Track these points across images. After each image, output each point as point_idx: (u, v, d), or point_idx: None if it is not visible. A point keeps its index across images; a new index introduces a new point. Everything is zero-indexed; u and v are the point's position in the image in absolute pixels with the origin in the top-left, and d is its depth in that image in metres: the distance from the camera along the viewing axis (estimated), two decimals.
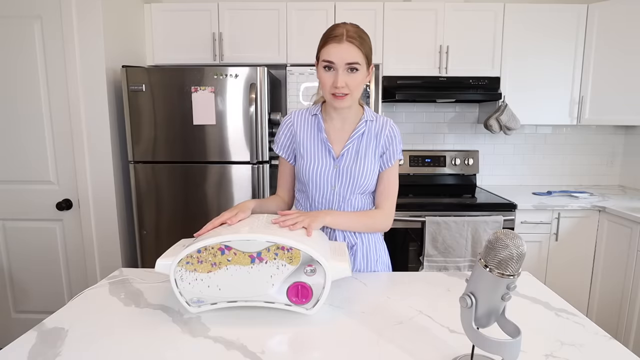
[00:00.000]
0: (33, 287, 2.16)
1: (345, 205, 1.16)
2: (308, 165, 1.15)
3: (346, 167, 1.13)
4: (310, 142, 1.17)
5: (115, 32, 2.07)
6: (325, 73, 1.05)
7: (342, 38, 1.01)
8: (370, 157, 1.15)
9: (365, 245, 1.20)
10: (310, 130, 1.18)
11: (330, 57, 1.02)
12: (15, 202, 2.06)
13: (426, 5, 2.33)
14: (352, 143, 1.15)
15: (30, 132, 2.00)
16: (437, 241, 2.13)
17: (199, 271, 0.82)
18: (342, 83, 1.03)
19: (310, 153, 1.16)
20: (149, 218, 2.12)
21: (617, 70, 2.30)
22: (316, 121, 1.18)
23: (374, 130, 1.17)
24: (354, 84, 1.05)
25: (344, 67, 1.02)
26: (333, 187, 1.15)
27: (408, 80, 2.37)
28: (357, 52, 1.02)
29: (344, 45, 1.01)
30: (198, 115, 2.02)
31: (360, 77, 1.05)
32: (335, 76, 1.03)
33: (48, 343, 0.76)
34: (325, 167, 1.14)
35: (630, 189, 2.67)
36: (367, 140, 1.16)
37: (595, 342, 0.77)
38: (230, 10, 2.33)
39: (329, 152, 1.15)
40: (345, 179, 1.14)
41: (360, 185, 1.14)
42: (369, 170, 1.14)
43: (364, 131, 1.16)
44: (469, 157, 2.68)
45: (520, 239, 0.61)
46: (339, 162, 1.14)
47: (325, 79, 1.06)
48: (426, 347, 0.75)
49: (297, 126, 1.19)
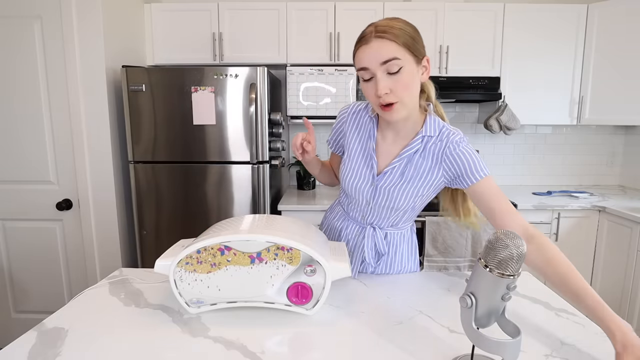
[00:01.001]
0: (33, 287, 2.16)
1: (382, 219, 1.07)
2: (346, 176, 1.05)
3: (385, 188, 1.00)
4: (357, 149, 1.04)
5: (115, 32, 2.08)
6: (366, 84, 0.89)
7: (370, 37, 0.85)
8: (419, 181, 0.97)
9: (392, 256, 1.12)
10: (360, 135, 1.05)
11: (362, 63, 0.86)
12: (15, 202, 2.06)
13: (426, 5, 2.33)
14: (399, 162, 0.98)
15: (30, 132, 2.00)
16: (437, 241, 2.13)
17: (198, 272, 0.82)
18: (383, 89, 0.85)
19: (352, 162, 1.04)
20: (149, 218, 2.12)
21: (617, 70, 2.30)
22: (370, 126, 1.03)
23: (431, 148, 0.96)
24: (400, 87, 0.85)
25: (381, 69, 0.85)
26: (368, 202, 1.04)
27: None
28: (391, 45, 0.83)
29: (373, 43, 0.84)
30: (198, 115, 2.02)
31: (406, 77, 0.85)
32: (375, 83, 0.86)
33: (48, 343, 0.76)
34: (362, 183, 1.03)
35: (630, 189, 2.67)
36: (421, 160, 0.97)
37: (595, 342, 0.77)
38: (230, 10, 2.33)
39: (370, 168, 1.01)
40: (382, 199, 1.01)
41: (399, 207, 1.01)
42: (411, 195, 0.98)
43: (418, 149, 0.97)
44: None
45: (520, 239, 0.61)
46: (379, 181, 1.00)
47: (368, 91, 0.89)
48: (426, 347, 0.75)
49: (349, 125, 1.07)
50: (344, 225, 1.15)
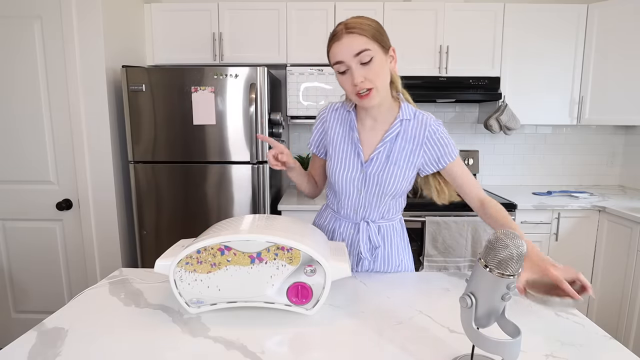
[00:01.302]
0: (33, 287, 2.16)
1: (371, 209, 1.12)
2: (335, 168, 1.10)
3: (374, 173, 1.06)
4: (341, 142, 1.10)
5: (115, 32, 2.07)
6: (342, 77, 0.98)
7: (341, 34, 0.94)
8: (403, 162, 1.06)
9: (387, 250, 1.15)
10: (342, 128, 1.11)
11: (337, 57, 0.95)
12: (15, 202, 2.06)
13: (426, 5, 2.33)
14: (383, 146, 1.06)
15: (30, 132, 2.00)
16: (437, 241, 2.13)
17: (198, 272, 0.82)
18: (359, 78, 0.94)
19: (339, 155, 1.10)
20: (149, 218, 2.12)
21: (617, 70, 2.30)
22: (349, 118, 1.10)
23: (411, 131, 1.06)
24: (373, 75, 0.95)
25: (355, 60, 0.93)
26: (359, 191, 1.10)
27: (408, 80, 2.32)
28: (362, 39, 0.93)
29: (345, 39, 0.94)
30: (198, 115, 2.02)
31: (377, 65, 0.95)
32: (351, 75, 0.95)
33: (48, 343, 0.76)
34: (352, 172, 1.08)
35: (630, 189, 2.67)
36: (402, 142, 1.06)
37: (595, 342, 0.77)
38: (230, 10, 2.33)
39: (357, 156, 1.08)
40: (372, 184, 1.07)
41: (388, 191, 1.07)
42: (399, 177, 1.06)
43: (398, 132, 1.06)
44: (469, 157, 2.68)
45: (520, 239, 0.61)
46: (367, 167, 1.07)
47: (345, 83, 0.98)
48: (426, 347, 0.75)
49: (330, 122, 1.13)
50: (336, 226, 1.18)
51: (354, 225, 1.14)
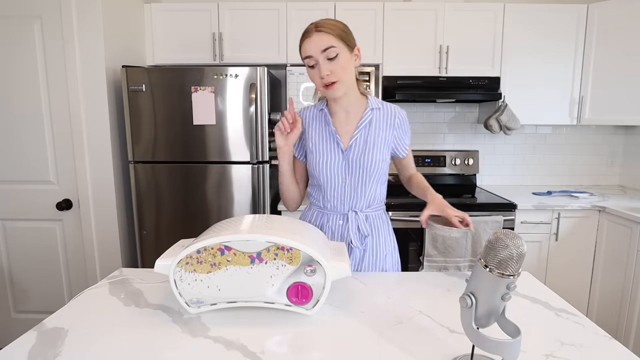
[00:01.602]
0: (33, 287, 2.16)
1: (357, 197, 1.19)
2: (318, 160, 1.18)
3: (355, 159, 1.16)
4: (319, 137, 1.19)
5: (115, 32, 2.07)
6: (312, 70, 1.09)
7: (311, 31, 1.06)
8: (380, 146, 1.17)
9: (376, 238, 1.22)
10: (318, 125, 1.20)
11: (307, 52, 1.07)
12: (15, 202, 2.06)
13: (426, 5, 2.33)
14: (359, 133, 1.16)
15: (30, 132, 2.00)
16: (437, 241, 2.12)
17: (198, 272, 0.82)
18: (325, 71, 1.06)
19: (319, 147, 1.18)
20: (149, 218, 2.12)
21: (617, 70, 2.30)
22: (323, 115, 1.20)
23: (382, 118, 1.18)
24: (338, 69, 1.07)
25: (322, 56, 1.05)
26: (344, 179, 1.17)
27: (408, 80, 2.37)
28: (329, 37, 1.05)
29: (314, 36, 1.05)
30: (198, 115, 2.02)
31: (343, 61, 1.07)
32: (318, 68, 1.07)
33: (48, 343, 0.76)
34: (334, 160, 1.17)
35: (630, 189, 2.67)
36: (376, 128, 1.17)
37: (595, 342, 0.77)
38: (230, 10, 2.33)
39: (337, 145, 1.17)
40: (355, 170, 1.16)
41: (371, 175, 1.16)
42: (378, 160, 1.16)
43: (370, 119, 1.18)
44: (469, 157, 2.68)
45: (520, 239, 0.61)
46: (348, 153, 1.16)
47: (313, 76, 1.10)
48: (426, 347, 0.75)
49: (306, 123, 1.22)
50: (324, 220, 1.23)
51: (343, 217, 1.20)
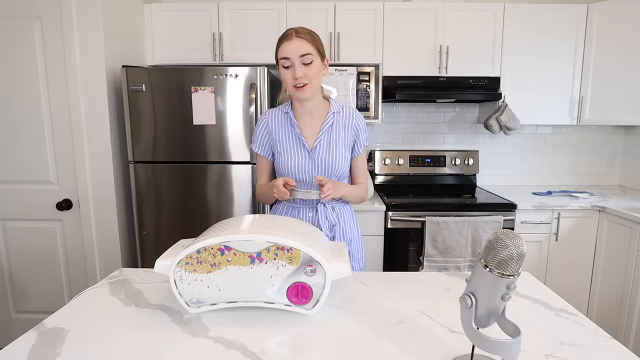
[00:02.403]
0: (33, 287, 2.16)
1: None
2: (285, 161, 1.27)
3: (320, 158, 1.25)
4: (285, 139, 1.28)
5: (115, 32, 2.07)
6: (285, 70, 1.18)
7: (292, 36, 1.16)
8: (341, 146, 1.28)
9: (342, 226, 1.33)
10: (284, 128, 1.29)
11: (286, 53, 1.16)
12: (15, 202, 2.06)
13: (426, 5, 2.33)
14: (323, 135, 1.26)
15: (30, 132, 2.00)
16: (437, 241, 2.13)
17: (198, 272, 0.82)
18: (300, 74, 1.15)
19: (286, 149, 1.27)
20: (149, 218, 2.12)
21: (617, 70, 2.30)
22: (288, 118, 1.29)
23: (342, 120, 1.29)
24: (311, 74, 1.17)
25: (299, 60, 1.15)
26: (311, 177, 1.27)
27: (408, 80, 2.37)
28: (308, 45, 1.16)
29: (295, 41, 1.15)
30: (198, 115, 2.02)
31: (315, 67, 1.18)
32: (293, 70, 1.16)
33: (48, 343, 0.76)
34: (301, 160, 1.26)
35: (630, 189, 2.67)
36: (337, 130, 1.28)
37: (595, 342, 0.77)
38: (230, 10, 2.33)
39: (303, 146, 1.26)
40: (320, 169, 1.26)
41: (335, 173, 1.27)
42: (342, 159, 1.27)
43: (332, 122, 1.28)
44: (469, 157, 2.68)
45: (520, 239, 0.61)
46: (313, 154, 1.26)
47: (286, 76, 1.19)
48: (426, 347, 0.75)
49: (272, 124, 1.30)
50: (295, 213, 1.33)
51: (312, 209, 1.31)
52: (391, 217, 2.15)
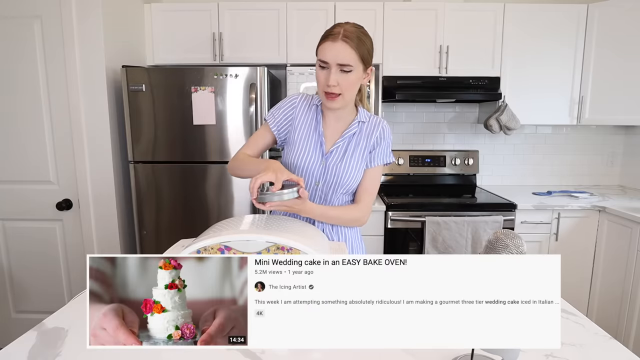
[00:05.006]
0: (33, 287, 2.16)
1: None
2: (298, 153, 1.15)
3: (333, 165, 1.14)
4: (306, 131, 1.17)
5: (115, 32, 2.07)
6: (321, 71, 1.07)
7: (337, 37, 1.02)
8: (357, 157, 1.16)
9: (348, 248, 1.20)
10: (309, 119, 1.18)
11: (324, 57, 1.04)
12: (15, 202, 2.06)
13: (426, 5, 2.33)
14: (342, 142, 1.16)
15: (30, 132, 2.00)
16: (437, 241, 2.13)
17: None
18: (333, 82, 1.03)
19: (303, 142, 1.16)
20: (149, 218, 2.12)
21: (617, 70, 2.30)
22: (316, 112, 1.18)
23: (366, 130, 1.18)
24: (346, 84, 1.05)
25: (337, 67, 1.03)
26: (317, 182, 1.16)
27: (408, 80, 2.37)
28: (350, 52, 1.02)
29: (338, 44, 1.01)
30: (198, 115, 2.02)
31: (353, 78, 1.05)
32: (328, 74, 1.04)
33: (48, 343, 0.76)
34: (313, 159, 1.15)
35: (630, 189, 2.67)
36: (357, 140, 1.17)
37: (595, 342, 0.77)
38: (230, 10, 2.33)
39: (320, 145, 1.16)
40: (330, 176, 1.15)
41: (344, 184, 1.15)
42: (354, 170, 1.15)
43: (355, 132, 1.17)
44: (469, 157, 2.68)
45: (520, 239, 0.61)
46: (327, 158, 1.15)
47: (320, 77, 1.07)
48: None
49: (299, 111, 1.19)
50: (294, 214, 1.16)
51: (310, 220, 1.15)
52: (391, 217, 2.15)
